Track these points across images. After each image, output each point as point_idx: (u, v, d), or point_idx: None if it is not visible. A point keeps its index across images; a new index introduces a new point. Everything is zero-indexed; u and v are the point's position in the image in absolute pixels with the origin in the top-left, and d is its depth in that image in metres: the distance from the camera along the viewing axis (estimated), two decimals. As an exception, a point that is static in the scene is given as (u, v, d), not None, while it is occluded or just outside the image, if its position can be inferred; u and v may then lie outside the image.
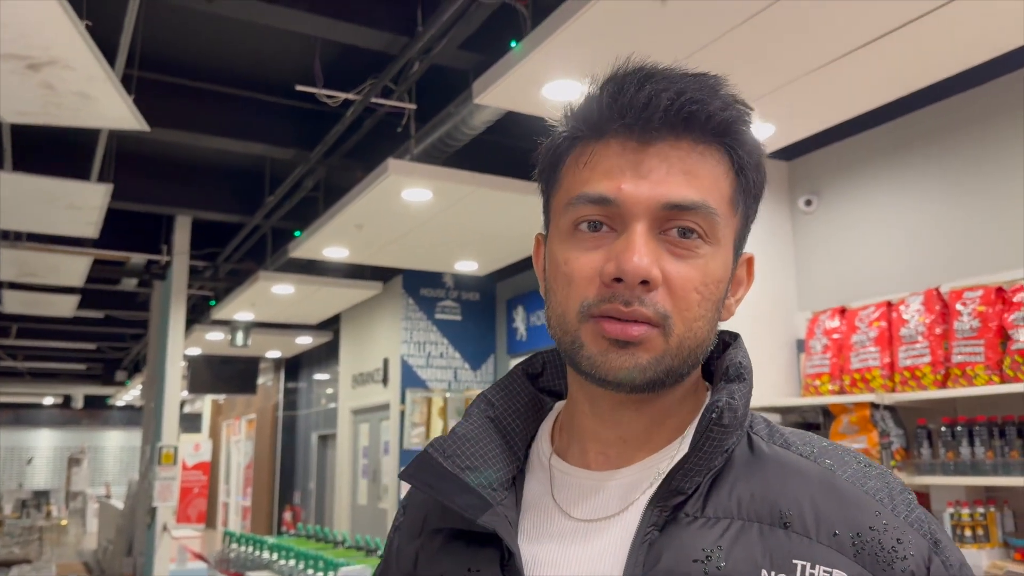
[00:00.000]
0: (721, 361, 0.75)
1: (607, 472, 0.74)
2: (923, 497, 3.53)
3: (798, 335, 4.26)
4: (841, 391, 3.75)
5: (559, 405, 0.84)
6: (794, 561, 0.64)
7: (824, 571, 0.64)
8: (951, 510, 3.23)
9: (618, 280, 0.67)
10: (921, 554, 0.66)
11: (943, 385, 3.37)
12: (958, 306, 3.35)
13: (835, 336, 3.84)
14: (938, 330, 3.42)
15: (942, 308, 3.45)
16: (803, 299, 4.34)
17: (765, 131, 3.68)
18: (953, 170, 3.69)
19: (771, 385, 4.16)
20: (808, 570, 0.64)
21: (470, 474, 0.73)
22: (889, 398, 3.46)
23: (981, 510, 3.18)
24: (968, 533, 3.16)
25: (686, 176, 0.68)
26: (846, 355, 3.76)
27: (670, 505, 0.68)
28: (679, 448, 0.73)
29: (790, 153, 4.39)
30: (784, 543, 0.65)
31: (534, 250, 0.82)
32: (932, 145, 3.79)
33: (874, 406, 3.48)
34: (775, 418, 4.10)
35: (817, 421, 3.88)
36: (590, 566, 0.68)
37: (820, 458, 0.71)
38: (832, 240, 4.22)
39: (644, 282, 0.66)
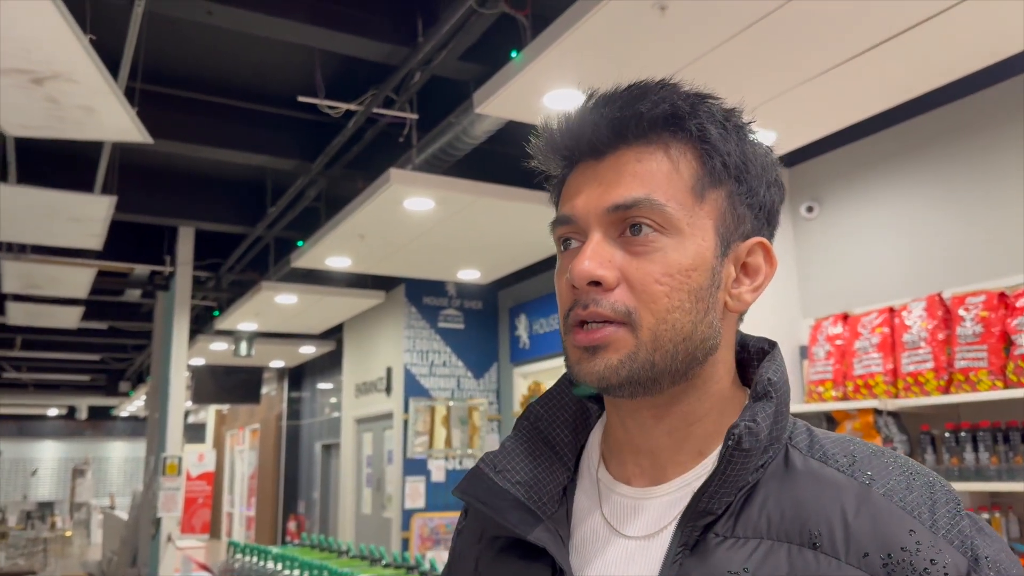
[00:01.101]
0: (756, 375, 0.74)
1: (648, 488, 0.74)
2: (928, 503, 3.52)
3: (801, 342, 4.26)
4: (844, 397, 3.75)
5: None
6: None
7: None
8: (956, 516, 3.22)
9: (576, 286, 0.70)
10: (958, 573, 0.63)
11: (946, 391, 3.36)
12: (961, 311, 3.36)
13: (838, 342, 3.84)
14: (941, 336, 3.42)
15: (945, 314, 3.45)
16: (805, 306, 4.35)
17: (766, 138, 3.68)
18: (955, 175, 3.70)
19: (774, 392, 4.16)
20: None
21: (521, 488, 0.75)
22: (892, 404, 3.46)
23: (986, 516, 3.18)
24: (973, 539, 3.15)
25: (632, 177, 0.71)
26: (849, 361, 3.76)
27: (700, 525, 0.68)
28: (711, 466, 0.73)
29: (791, 160, 4.40)
30: (812, 565, 0.64)
31: None
32: (933, 151, 3.79)
33: (877, 412, 3.48)
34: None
35: (820, 428, 3.88)
36: None
37: (859, 470, 0.69)
38: (834, 246, 4.23)
39: (596, 284, 0.69)
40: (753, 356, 0.78)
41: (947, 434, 3.30)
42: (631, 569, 0.70)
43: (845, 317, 3.88)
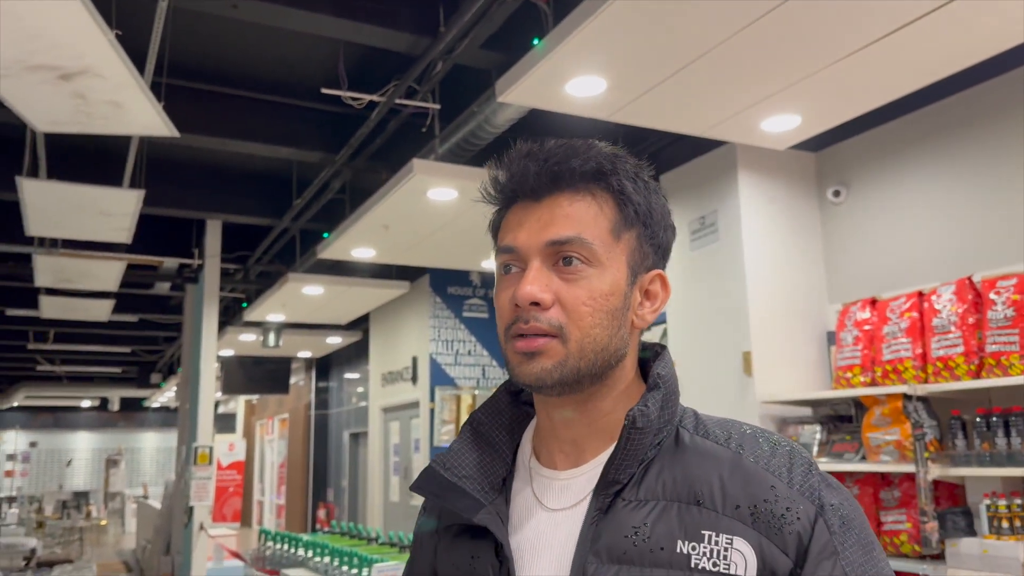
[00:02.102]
0: (650, 372, 0.91)
1: (570, 470, 0.91)
2: (958, 488, 3.49)
3: (828, 327, 4.22)
4: (873, 383, 3.71)
5: None
6: (703, 531, 0.80)
7: (727, 538, 0.79)
8: (987, 501, 3.19)
9: (519, 305, 0.85)
10: (808, 517, 0.80)
11: (977, 375, 3.32)
12: (992, 295, 3.31)
13: (866, 327, 3.80)
14: (971, 320, 3.37)
15: (975, 297, 3.40)
16: (833, 291, 4.31)
17: (791, 122, 3.65)
18: (983, 157, 3.64)
19: (802, 378, 4.13)
20: (714, 538, 0.79)
21: (466, 482, 0.91)
22: (922, 389, 3.42)
23: (1018, 501, 3.14)
24: (1005, 524, 3.12)
25: (565, 219, 0.87)
26: (878, 346, 3.72)
27: (611, 493, 0.84)
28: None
29: (817, 144, 4.35)
30: (696, 517, 0.81)
31: None
32: (961, 133, 3.73)
33: (907, 397, 3.45)
34: (806, 411, 4.07)
35: (849, 413, 3.85)
36: (558, 546, 0.86)
37: (733, 444, 0.86)
38: (862, 231, 4.18)
39: (535, 304, 0.85)
40: (651, 358, 0.94)
41: (978, 419, 3.26)
42: (558, 534, 0.86)
43: (873, 302, 3.84)
